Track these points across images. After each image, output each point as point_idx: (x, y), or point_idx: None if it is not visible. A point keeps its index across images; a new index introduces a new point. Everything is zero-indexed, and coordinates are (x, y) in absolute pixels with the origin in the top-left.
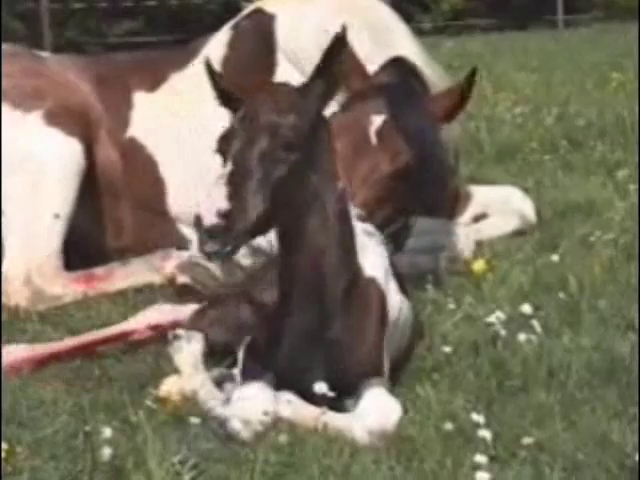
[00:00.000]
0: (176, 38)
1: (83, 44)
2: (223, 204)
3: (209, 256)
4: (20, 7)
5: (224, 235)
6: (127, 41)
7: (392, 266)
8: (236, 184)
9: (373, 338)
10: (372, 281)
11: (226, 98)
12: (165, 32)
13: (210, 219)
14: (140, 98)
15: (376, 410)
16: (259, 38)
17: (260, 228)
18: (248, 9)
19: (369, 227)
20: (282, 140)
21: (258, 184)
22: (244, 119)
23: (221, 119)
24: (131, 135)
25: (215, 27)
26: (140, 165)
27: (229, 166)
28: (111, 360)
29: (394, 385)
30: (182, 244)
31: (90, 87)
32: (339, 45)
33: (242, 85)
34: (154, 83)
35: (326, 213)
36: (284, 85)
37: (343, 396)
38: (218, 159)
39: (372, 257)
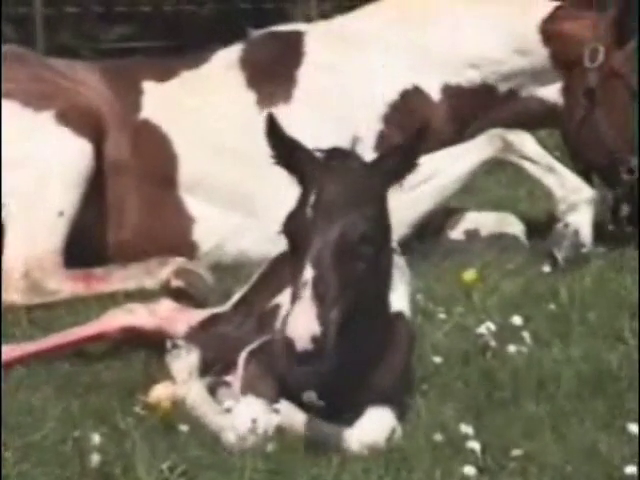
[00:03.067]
0: (170, 44)
1: (76, 48)
2: (316, 327)
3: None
4: (12, 11)
5: (317, 359)
6: (121, 46)
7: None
8: (321, 298)
9: (397, 373)
10: (400, 315)
11: (283, 157)
12: (159, 38)
13: (303, 345)
14: (149, 86)
15: (370, 422)
16: (282, 44)
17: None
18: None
19: (400, 260)
20: (362, 234)
21: (338, 295)
22: (317, 207)
23: (235, 102)
24: (144, 117)
25: (209, 33)
26: (153, 142)
27: (309, 271)
28: (101, 366)
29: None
30: (186, 223)
31: (98, 79)
32: (423, 132)
33: (304, 152)
34: (164, 76)
35: (377, 271)
36: (348, 157)
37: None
38: (229, 134)
39: (400, 290)
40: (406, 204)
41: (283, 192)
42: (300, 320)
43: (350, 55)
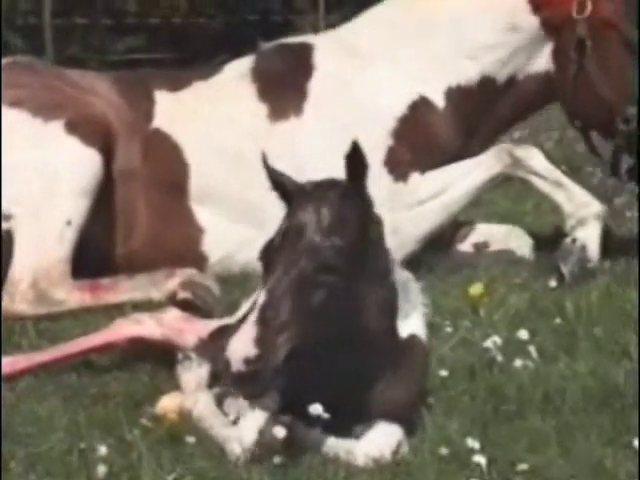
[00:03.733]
0: (179, 56)
1: (85, 60)
2: (250, 350)
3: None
4: (22, 22)
5: (251, 380)
6: (129, 58)
7: None
8: (265, 323)
9: (410, 392)
10: (414, 338)
11: (280, 189)
12: (168, 50)
13: (237, 366)
14: (161, 95)
15: (377, 436)
16: (293, 57)
17: (289, 364)
18: (269, 44)
19: (408, 274)
20: (323, 263)
21: (289, 320)
22: (286, 235)
23: (247, 114)
24: (156, 126)
25: (218, 46)
26: (164, 152)
27: (262, 296)
28: (108, 377)
29: None
30: (196, 234)
31: (109, 88)
32: (358, 154)
33: (291, 182)
34: (176, 86)
35: (376, 314)
36: (330, 189)
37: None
38: (240, 146)
39: (414, 315)
40: (414, 220)
41: None
42: (236, 342)
43: (358, 69)
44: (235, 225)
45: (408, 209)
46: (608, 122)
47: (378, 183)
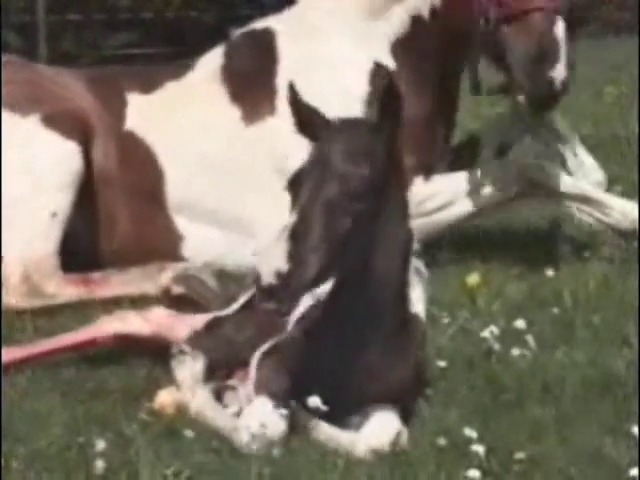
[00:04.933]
0: (172, 50)
1: (79, 56)
2: (282, 264)
3: (264, 308)
4: (15, 19)
5: (281, 294)
6: (123, 53)
7: None
8: (297, 240)
9: (408, 373)
10: (416, 317)
11: (304, 126)
12: (161, 44)
13: (268, 279)
14: (134, 97)
15: (375, 426)
16: (258, 49)
17: (318, 283)
18: (240, 30)
19: (419, 264)
20: (350, 191)
21: (319, 240)
22: (315, 163)
23: (220, 118)
24: (128, 129)
25: (211, 40)
26: (139, 157)
27: (293, 216)
28: (105, 372)
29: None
30: (175, 240)
31: (84, 87)
32: (393, 86)
33: (319, 117)
34: (148, 87)
35: (390, 253)
36: (358, 124)
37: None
38: (217, 151)
39: (418, 293)
40: (421, 229)
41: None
42: (268, 255)
43: (318, 52)
44: (217, 231)
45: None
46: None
47: None
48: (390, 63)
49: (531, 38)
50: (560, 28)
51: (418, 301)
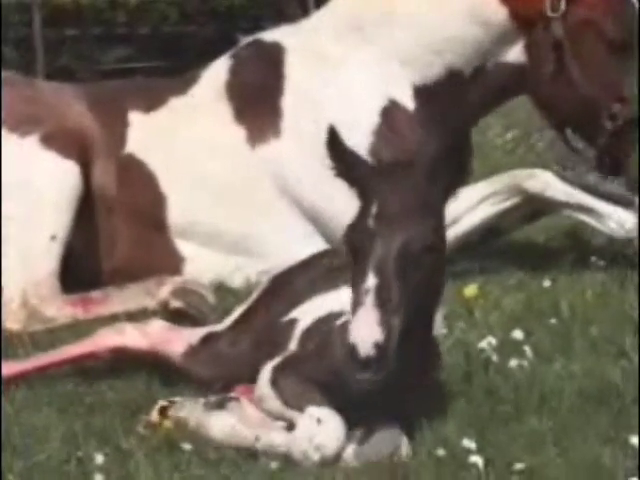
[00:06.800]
0: (169, 65)
1: (76, 70)
2: (379, 334)
3: (360, 383)
4: (12, 33)
5: (377, 365)
6: (120, 67)
7: None
8: (383, 305)
9: (424, 392)
10: (435, 339)
11: (344, 171)
12: (159, 59)
13: (366, 350)
14: (136, 117)
15: (376, 439)
16: (264, 64)
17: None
18: (247, 40)
19: None
20: (424, 244)
21: (400, 303)
22: (379, 218)
23: (225, 137)
24: (129, 152)
25: (209, 54)
26: (139, 180)
27: (372, 278)
28: (103, 386)
29: None
30: (177, 262)
31: (85, 107)
32: (461, 140)
33: (363, 163)
34: (151, 105)
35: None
36: (414, 172)
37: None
38: (221, 174)
39: (438, 314)
40: None
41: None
42: (363, 326)
43: (329, 78)
44: (220, 255)
45: None
46: (589, 120)
47: None
48: (410, 105)
49: None
50: None
51: (437, 322)
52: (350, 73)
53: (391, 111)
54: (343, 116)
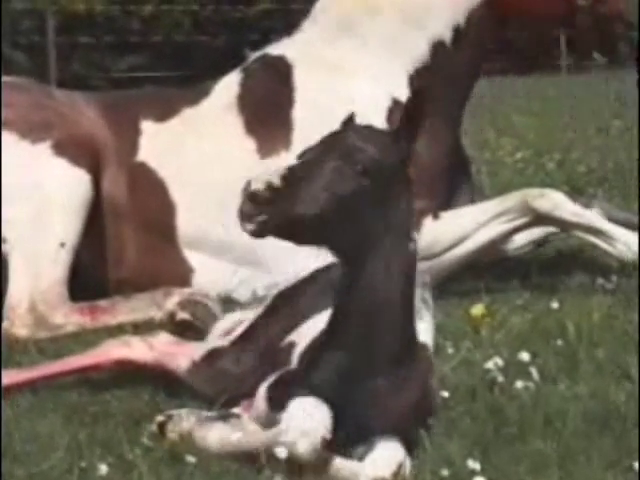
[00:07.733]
0: (181, 74)
1: (88, 78)
2: (276, 180)
3: (242, 217)
4: (25, 40)
5: (265, 206)
6: (132, 76)
7: None
8: (298, 174)
9: (411, 405)
10: (424, 347)
11: None
12: (170, 68)
13: (257, 186)
14: (148, 126)
15: (379, 457)
16: (273, 77)
17: (300, 229)
18: (256, 54)
19: (427, 294)
20: (357, 162)
21: (320, 186)
22: (332, 135)
23: (235, 150)
24: (141, 160)
25: (220, 64)
26: (150, 189)
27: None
28: (108, 396)
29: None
30: (186, 273)
31: (97, 115)
32: (422, 98)
33: None
34: (164, 115)
35: (390, 270)
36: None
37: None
38: (232, 185)
39: (427, 322)
40: (435, 270)
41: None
42: (265, 173)
43: (337, 88)
44: (229, 266)
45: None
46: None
47: None
48: (405, 97)
49: None
50: None
51: (426, 331)
52: (353, 78)
53: (394, 110)
54: None
